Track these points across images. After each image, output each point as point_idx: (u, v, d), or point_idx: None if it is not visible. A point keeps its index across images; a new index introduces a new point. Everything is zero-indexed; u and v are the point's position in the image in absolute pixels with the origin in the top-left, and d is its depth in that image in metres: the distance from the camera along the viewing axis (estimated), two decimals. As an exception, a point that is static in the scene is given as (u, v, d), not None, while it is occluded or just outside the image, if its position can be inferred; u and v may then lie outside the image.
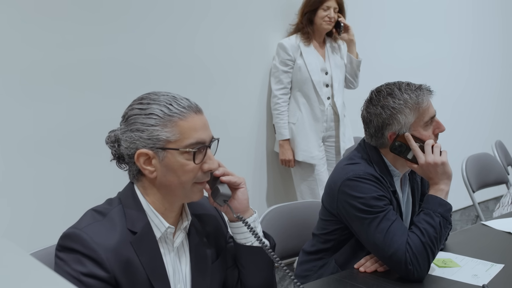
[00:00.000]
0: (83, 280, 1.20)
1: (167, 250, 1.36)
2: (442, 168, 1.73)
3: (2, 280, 0.51)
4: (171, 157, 1.29)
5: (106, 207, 1.33)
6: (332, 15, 3.34)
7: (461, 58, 5.21)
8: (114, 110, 1.71)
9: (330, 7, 3.34)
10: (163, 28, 3.05)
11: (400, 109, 1.77)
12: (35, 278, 0.55)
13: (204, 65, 3.25)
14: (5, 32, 2.51)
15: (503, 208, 2.82)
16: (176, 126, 1.29)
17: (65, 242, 1.25)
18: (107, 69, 2.84)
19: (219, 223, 1.52)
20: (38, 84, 2.62)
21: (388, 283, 1.68)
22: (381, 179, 1.79)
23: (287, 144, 3.45)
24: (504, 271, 1.74)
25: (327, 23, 3.36)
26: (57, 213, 2.67)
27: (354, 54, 3.52)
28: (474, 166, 3.34)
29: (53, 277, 0.56)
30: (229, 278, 1.49)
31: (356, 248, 1.86)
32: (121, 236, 1.27)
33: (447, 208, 1.71)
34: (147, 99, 1.32)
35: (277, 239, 1.58)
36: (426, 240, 1.66)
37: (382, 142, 1.83)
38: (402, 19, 4.59)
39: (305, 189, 3.50)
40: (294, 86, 3.44)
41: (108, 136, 1.37)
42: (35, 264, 0.57)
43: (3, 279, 0.52)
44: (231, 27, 3.38)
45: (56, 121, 2.67)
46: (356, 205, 1.74)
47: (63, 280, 0.55)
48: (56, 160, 2.68)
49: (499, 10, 5.65)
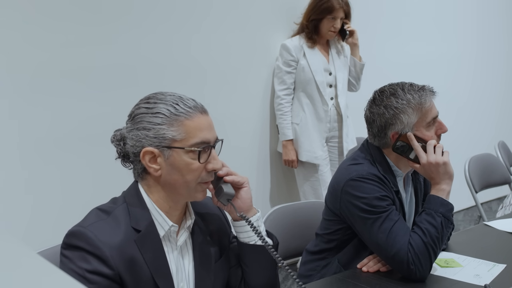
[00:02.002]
0: (88, 277, 1.21)
1: (170, 248, 1.37)
2: (444, 168, 1.74)
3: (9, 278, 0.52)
4: (177, 156, 1.31)
5: (110, 206, 1.34)
6: (338, 26, 3.33)
7: (464, 59, 5.21)
8: (115, 110, 1.72)
9: (337, 17, 3.31)
10: (164, 29, 3.05)
11: (403, 109, 1.78)
12: (41, 275, 0.56)
13: (207, 66, 3.26)
14: (5, 32, 2.52)
15: (505, 208, 2.82)
16: (182, 125, 1.30)
17: (70, 240, 1.26)
18: (107, 70, 2.84)
19: (223, 222, 1.53)
20: (37, 85, 2.62)
21: (391, 283, 1.68)
22: (384, 179, 1.79)
23: (290, 145, 3.46)
24: (506, 271, 1.74)
25: (332, 33, 3.36)
26: (61, 212, 2.69)
27: (358, 57, 3.52)
28: (477, 166, 3.33)
29: (58, 274, 0.56)
30: (233, 277, 1.50)
31: (359, 248, 1.87)
32: (126, 234, 1.28)
33: (448, 208, 1.72)
34: (154, 98, 1.34)
35: (280, 239, 1.58)
36: (428, 240, 1.66)
37: (385, 142, 1.84)
38: (406, 20, 4.59)
39: (308, 189, 3.50)
40: (297, 86, 3.44)
41: (114, 135, 1.39)
42: (40, 262, 0.58)
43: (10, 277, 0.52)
44: (234, 28, 3.39)
45: (55, 121, 2.68)
46: (359, 205, 1.75)
47: (68, 277, 0.56)
48: (56, 159, 2.69)
49: (503, 10, 5.64)
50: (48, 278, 0.56)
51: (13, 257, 0.58)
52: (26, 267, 0.57)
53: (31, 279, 0.54)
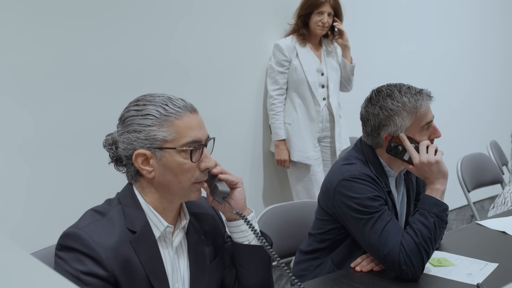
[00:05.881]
0: (83, 278, 1.21)
1: (166, 249, 1.37)
2: (437, 167, 1.74)
3: (2, 280, 0.52)
4: (169, 157, 1.31)
5: (105, 207, 1.34)
6: (326, 21, 3.35)
7: (458, 59, 5.23)
8: (111, 111, 1.71)
9: (324, 12, 3.34)
10: (159, 30, 3.05)
11: (398, 111, 1.78)
12: (35, 277, 0.56)
13: (200, 66, 3.26)
14: (6, 32, 2.52)
15: (497, 208, 2.83)
16: (172, 125, 1.30)
17: (65, 241, 1.26)
18: (103, 70, 2.84)
19: (217, 222, 1.53)
20: (34, 85, 2.62)
21: (384, 282, 1.69)
22: (376, 180, 1.80)
23: (282, 145, 3.46)
24: (498, 270, 1.75)
25: (320, 28, 3.37)
26: (55, 213, 2.68)
27: (348, 59, 3.52)
28: (469, 166, 3.35)
29: (53, 276, 0.56)
30: (227, 277, 1.50)
31: (353, 247, 1.87)
32: (121, 235, 1.28)
33: (442, 208, 1.71)
34: (143, 100, 1.34)
35: (273, 239, 1.59)
36: (420, 241, 1.67)
37: (377, 142, 1.85)
38: (400, 20, 4.60)
39: (301, 189, 3.51)
40: (290, 86, 3.45)
41: (106, 139, 1.39)
42: (35, 263, 0.58)
43: (3, 279, 0.52)
44: (227, 28, 3.39)
45: (52, 122, 2.67)
46: (351, 205, 1.76)
47: (63, 278, 0.56)
48: (52, 161, 2.69)
49: (498, 10, 5.67)
50: (42, 279, 0.55)
51: (6, 259, 0.58)
52: (20, 269, 0.56)
53: (25, 280, 0.54)
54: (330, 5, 3.35)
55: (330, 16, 3.37)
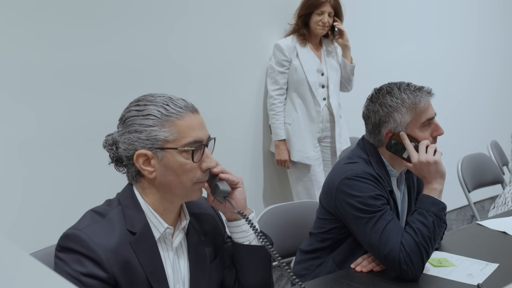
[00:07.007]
0: (83, 280, 1.21)
1: (166, 250, 1.37)
2: (435, 167, 1.74)
3: (2, 281, 0.52)
4: (170, 157, 1.31)
5: (105, 208, 1.34)
6: (326, 20, 3.34)
7: (458, 59, 5.23)
8: (110, 111, 1.71)
9: (325, 12, 3.34)
10: (158, 29, 3.05)
11: (397, 107, 1.80)
12: (35, 278, 0.56)
13: (200, 66, 3.26)
14: (3, 31, 2.51)
15: (497, 209, 2.83)
16: (173, 125, 1.30)
17: (65, 242, 1.26)
18: (102, 70, 2.84)
19: (217, 222, 1.53)
20: (34, 84, 2.61)
21: (384, 282, 1.69)
22: (379, 179, 1.80)
23: (282, 145, 3.46)
24: (499, 270, 1.75)
25: (321, 28, 3.37)
26: (52, 213, 2.67)
27: (349, 59, 3.52)
28: (470, 166, 3.35)
29: (53, 277, 0.56)
30: (227, 278, 1.50)
31: (354, 247, 1.87)
32: (120, 236, 1.28)
33: (440, 207, 1.72)
34: (144, 100, 1.34)
35: (274, 238, 1.59)
36: (420, 240, 1.67)
37: (379, 140, 1.86)
38: (400, 20, 4.60)
39: (301, 189, 3.50)
40: (290, 86, 3.45)
41: (106, 140, 1.38)
42: (34, 264, 0.58)
43: (3, 280, 0.52)
44: (227, 28, 3.38)
45: (50, 121, 2.67)
46: (353, 204, 1.76)
47: (63, 280, 0.56)
48: (49, 160, 2.68)
49: (498, 10, 5.66)
50: (42, 281, 0.55)
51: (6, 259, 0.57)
52: (19, 270, 0.56)
53: (24, 282, 0.54)
54: (330, 5, 3.35)
55: (331, 16, 3.37)
